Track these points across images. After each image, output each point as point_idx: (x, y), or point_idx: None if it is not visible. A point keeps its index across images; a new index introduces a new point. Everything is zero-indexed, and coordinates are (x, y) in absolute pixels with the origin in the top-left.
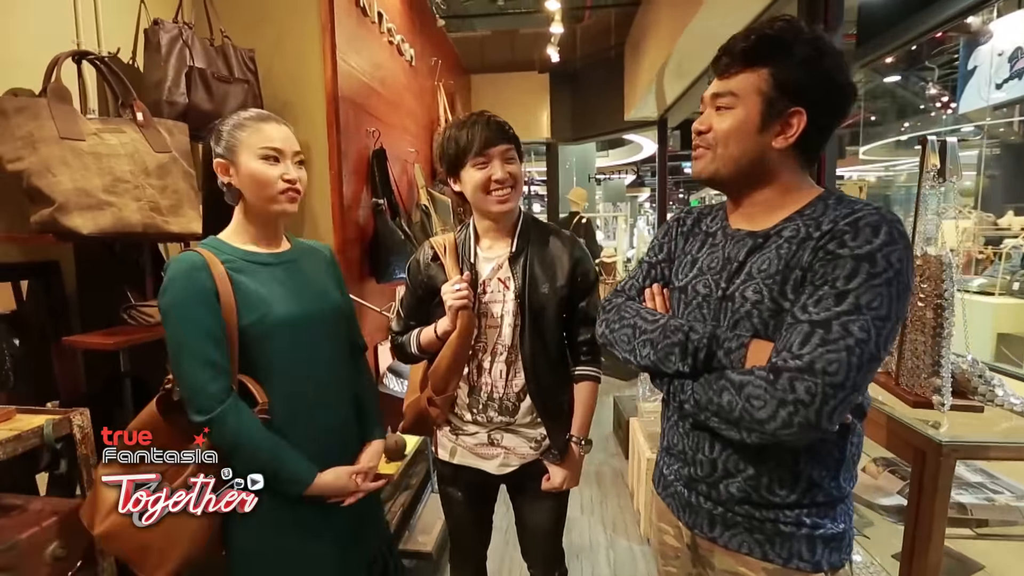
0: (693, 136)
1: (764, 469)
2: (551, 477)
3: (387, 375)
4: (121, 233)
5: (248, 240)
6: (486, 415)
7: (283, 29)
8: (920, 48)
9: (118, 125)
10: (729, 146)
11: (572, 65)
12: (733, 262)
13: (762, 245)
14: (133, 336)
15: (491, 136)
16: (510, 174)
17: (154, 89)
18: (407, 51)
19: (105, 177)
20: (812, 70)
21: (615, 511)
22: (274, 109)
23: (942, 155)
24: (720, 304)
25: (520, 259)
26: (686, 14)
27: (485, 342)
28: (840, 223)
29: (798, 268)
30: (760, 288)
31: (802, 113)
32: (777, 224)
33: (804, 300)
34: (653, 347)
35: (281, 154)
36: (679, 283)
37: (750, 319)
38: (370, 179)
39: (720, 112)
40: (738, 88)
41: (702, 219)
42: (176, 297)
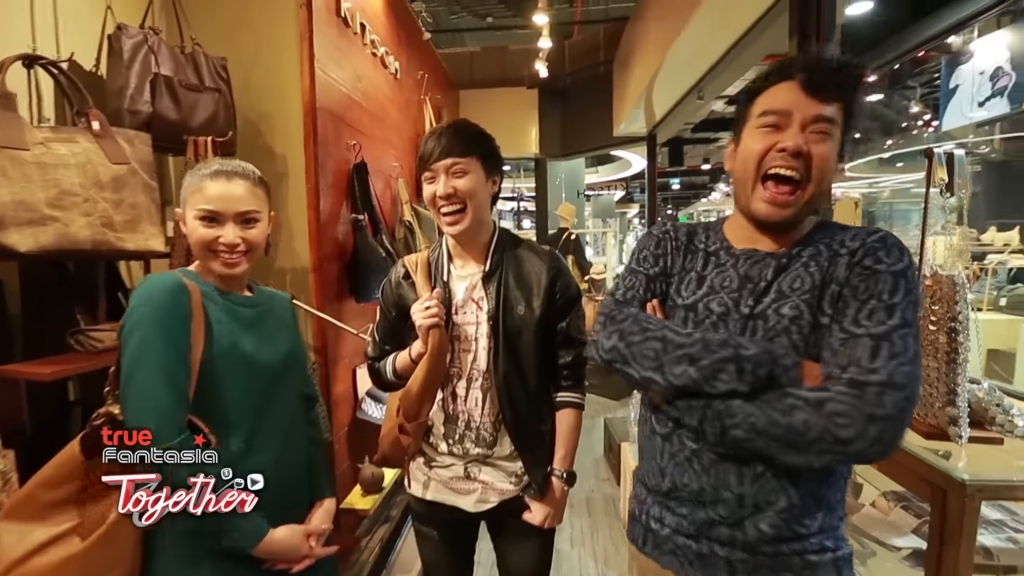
0: (781, 157)
1: (797, 497)
2: (532, 514)
3: (366, 400)
4: (67, 251)
5: (211, 278)
6: (462, 446)
7: (261, 38)
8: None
9: (70, 134)
10: (823, 180)
11: (561, 81)
12: (756, 281)
13: (785, 265)
14: (76, 365)
15: (439, 149)
16: (455, 189)
17: (115, 97)
18: (392, 64)
19: (50, 190)
20: (861, 107)
21: (606, 542)
22: (249, 120)
23: (949, 168)
24: (746, 323)
25: (494, 278)
26: (673, 30)
27: (460, 367)
28: (868, 240)
29: (834, 283)
30: (798, 304)
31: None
32: (794, 246)
33: (853, 314)
34: (694, 364)
35: (220, 215)
36: (683, 300)
37: (788, 335)
38: (350, 194)
39: (813, 138)
40: (836, 116)
41: (693, 236)
42: (154, 312)
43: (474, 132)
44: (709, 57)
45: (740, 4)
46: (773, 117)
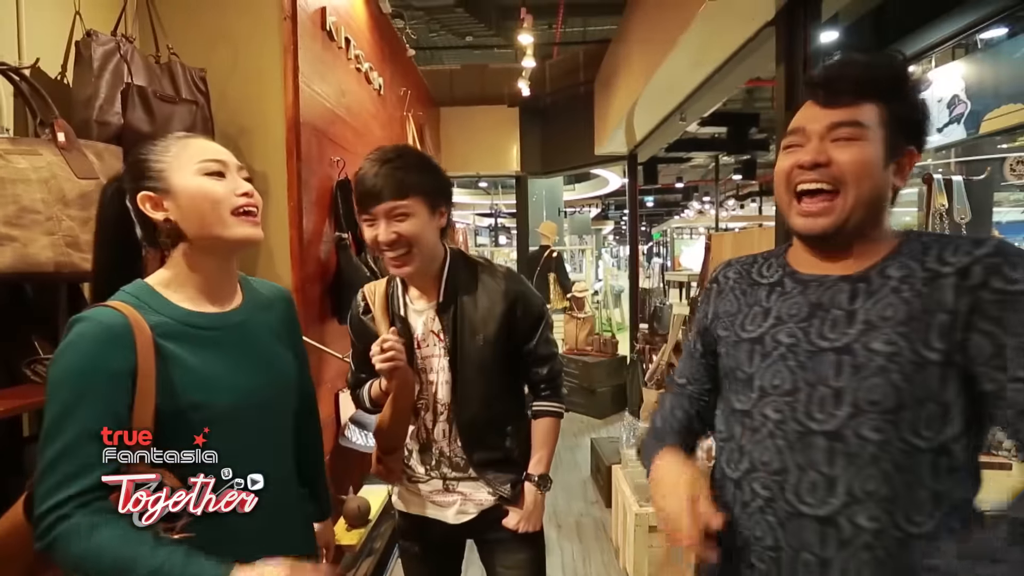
0: (799, 173)
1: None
2: (508, 518)
3: (349, 427)
4: (26, 273)
5: (191, 294)
6: (439, 471)
7: (241, 49)
8: None
9: (32, 146)
10: (861, 183)
11: (542, 100)
12: (831, 309)
13: (866, 288)
14: (32, 399)
15: (376, 191)
16: (398, 235)
17: (83, 107)
18: (375, 79)
19: (8, 207)
20: (919, 109)
21: (599, 569)
22: (229, 134)
23: (948, 193)
24: (830, 357)
25: (449, 310)
26: (658, 53)
27: (427, 399)
28: (979, 255)
29: (941, 311)
30: (893, 338)
31: (915, 154)
32: (872, 264)
33: (1016, 356)
34: None
35: (225, 167)
36: (748, 335)
37: (885, 375)
38: (333, 211)
39: (840, 144)
40: (864, 118)
41: (751, 270)
42: (74, 368)
43: (414, 165)
44: (694, 80)
45: (727, 29)
46: (793, 137)
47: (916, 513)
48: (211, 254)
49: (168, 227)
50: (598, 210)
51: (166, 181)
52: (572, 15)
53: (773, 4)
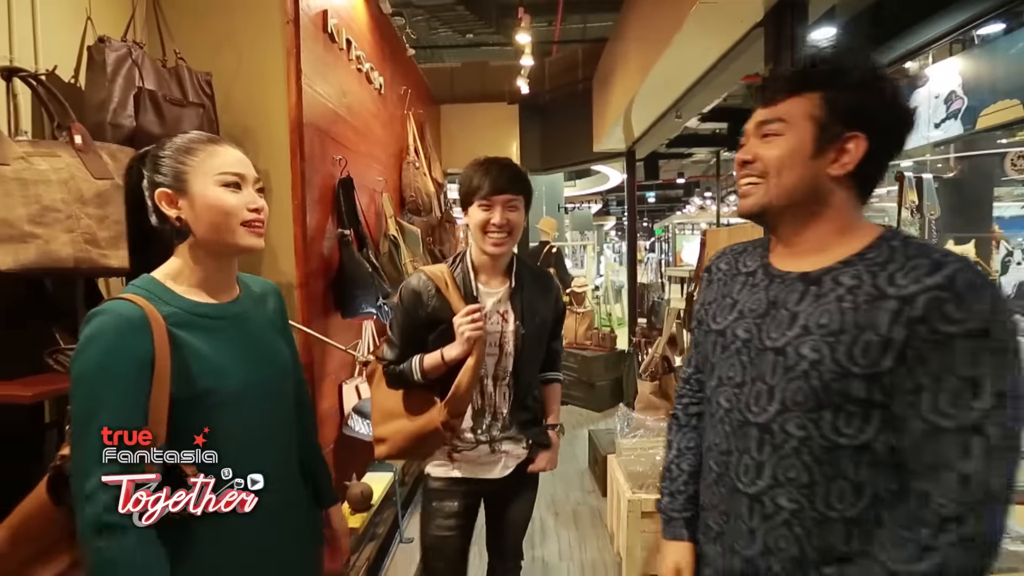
0: (737, 168)
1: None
2: (537, 462)
3: (352, 416)
4: (48, 268)
5: (194, 285)
6: (489, 433)
7: (245, 53)
8: None
9: (52, 149)
10: (782, 174)
11: (541, 97)
12: (780, 307)
13: (815, 292)
14: (56, 386)
15: (500, 184)
16: (508, 221)
17: (97, 110)
18: (376, 79)
19: (31, 206)
20: (869, 93)
21: (594, 554)
22: (234, 135)
23: (919, 191)
24: (769, 356)
25: (519, 295)
26: (653, 52)
27: (487, 369)
28: (929, 285)
29: (870, 331)
30: (820, 347)
31: (860, 138)
32: (831, 266)
33: (931, 398)
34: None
35: (243, 180)
36: (717, 326)
37: (807, 380)
38: (336, 209)
39: (767, 140)
40: (786, 113)
41: (739, 259)
42: (99, 360)
43: (522, 173)
44: (688, 77)
45: (719, 28)
46: (743, 137)
47: (837, 501)
48: (214, 254)
49: (178, 224)
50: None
51: (186, 184)
52: (571, 12)
53: (762, 6)
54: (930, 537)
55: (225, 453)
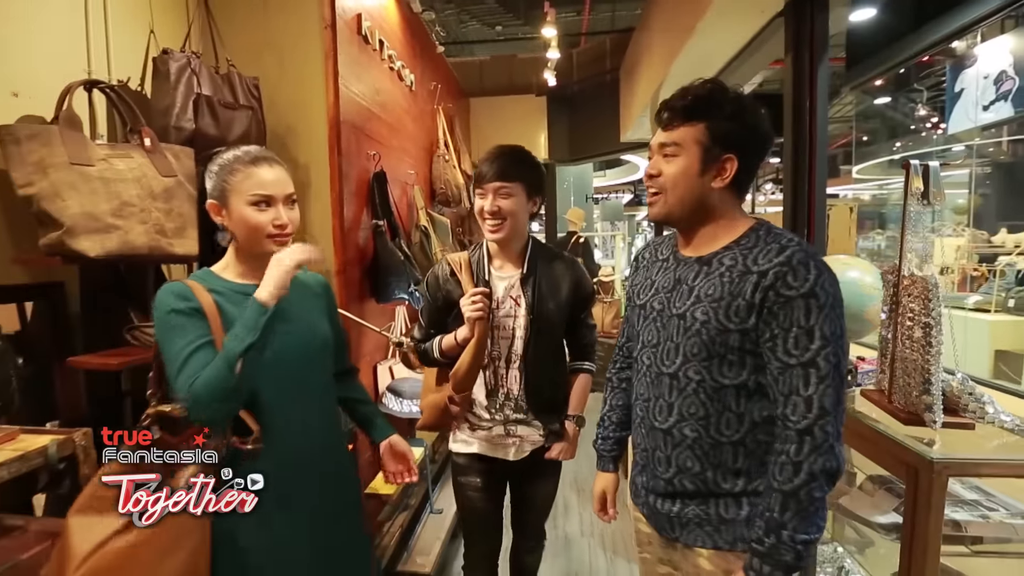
0: (645, 180)
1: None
2: (552, 450)
3: (386, 395)
4: (127, 255)
5: (239, 274)
6: (503, 413)
7: (287, 58)
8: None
9: (126, 150)
10: (677, 188)
11: (569, 88)
12: (683, 284)
13: (706, 271)
14: (135, 356)
15: (491, 172)
16: (499, 208)
17: (162, 115)
18: (407, 76)
19: (112, 201)
20: (739, 123)
21: (614, 530)
22: (277, 134)
23: (925, 178)
24: (675, 321)
25: (530, 280)
26: (678, 40)
27: (500, 351)
28: (775, 263)
29: (740, 298)
30: (707, 310)
31: (734, 159)
32: (717, 251)
33: (781, 344)
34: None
35: (272, 199)
36: (640, 301)
37: (699, 336)
38: (370, 201)
39: (667, 159)
40: (680, 139)
41: (658, 249)
42: (164, 308)
43: (524, 159)
44: (713, 66)
45: (740, 18)
46: (650, 152)
47: (725, 428)
48: (251, 254)
49: (223, 229)
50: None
51: (225, 199)
52: (600, 1)
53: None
54: (795, 453)
55: (265, 409)
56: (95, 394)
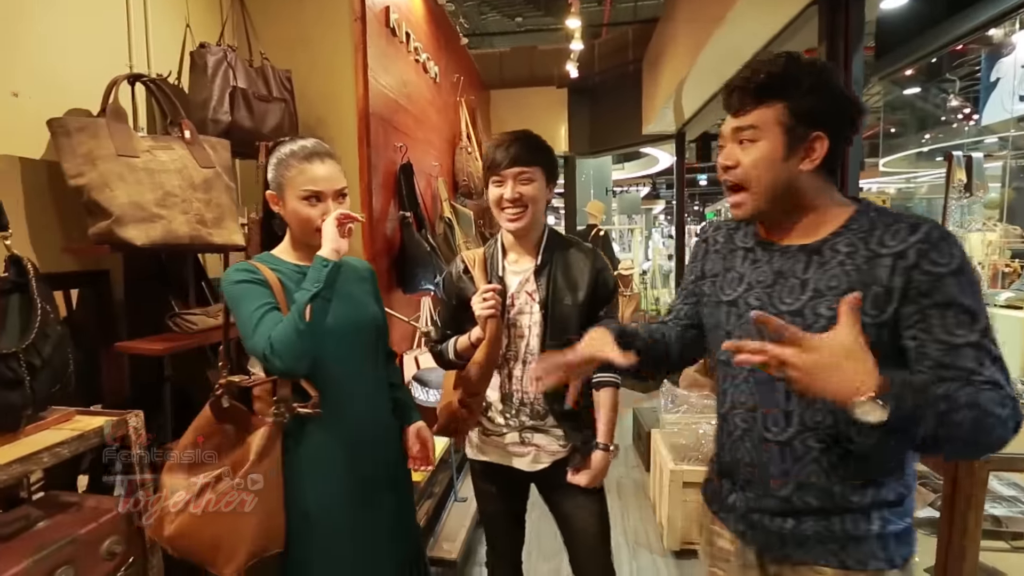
0: (720, 172)
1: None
2: (578, 476)
3: (412, 384)
4: (170, 244)
5: (296, 259)
6: (518, 419)
7: (317, 50)
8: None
9: (167, 142)
10: (761, 179)
11: (590, 80)
12: (789, 277)
13: (818, 260)
14: (179, 342)
15: (509, 157)
16: (520, 195)
17: (200, 108)
18: (432, 68)
19: (157, 191)
20: (823, 96)
21: (636, 523)
22: (308, 126)
23: (968, 170)
24: (787, 320)
25: (544, 273)
26: (706, 31)
27: (515, 351)
28: (911, 242)
29: (875, 285)
30: (835, 305)
31: (823, 137)
32: (826, 238)
33: (940, 324)
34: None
35: (322, 195)
36: (727, 297)
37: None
38: (397, 192)
39: (744, 146)
40: (758, 121)
41: (734, 234)
42: (233, 280)
43: (539, 144)
44: (741, 57)
45: (773, 7)
46: (721, 140)
47: (855, 435)
48: (303, 243)
49: (280, 221)
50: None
51: (281, 192)
52: None
53: None
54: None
55: (326, 383)
56: (137, 379)
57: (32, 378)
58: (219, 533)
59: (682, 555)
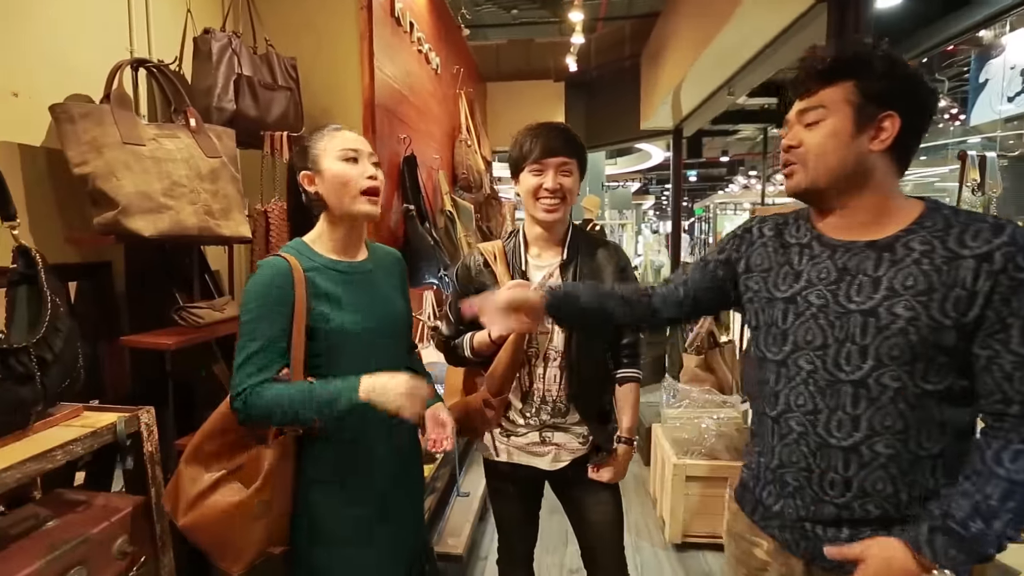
0: (782, 154)
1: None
2: (600, 473)
3: None
4: (178, 236)
5: (330, 249)
6: (539, 418)
7: (322, 38)
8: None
9: (173, 131)
10: (827, 156)
11: (587, 74)
12: (858, 274)
13: (890, 257)
14: (188, 336)
15: (552, 146)
16: (561, 186)
17: (204, 96)
18: (433, 59)
19: (164, 181)
20: (894, 76)
21: (638, 516)
22: (312, 115)
23: (981, 169)
24: (858, 318)
25: (570, 267)
26: (713, 26)
27: (537, 348)
28: (998, 243)
29: (957, 287)
30: (913, 305)
31: (894, 116)
32: (897, 234)
33: (1018, 335)
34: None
35: (359, 154)
36: (782, 295)
37: (904, 336)
38: (401, 185)
39: (810, 128)
40: (826, 101)
41: (783, 230)
42: (257, 295)
43: (577, 139)
44: (745, 54)
45: (781, 3)
46: (786, 125)
47: (926, 440)
48: (343, 222)
49: (317, 199)
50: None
51: (319, 163)
52: None
53: None
54: None
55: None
56: (140, 374)
57: (43, 373)
58: (228, 535)
59: (683, 548)
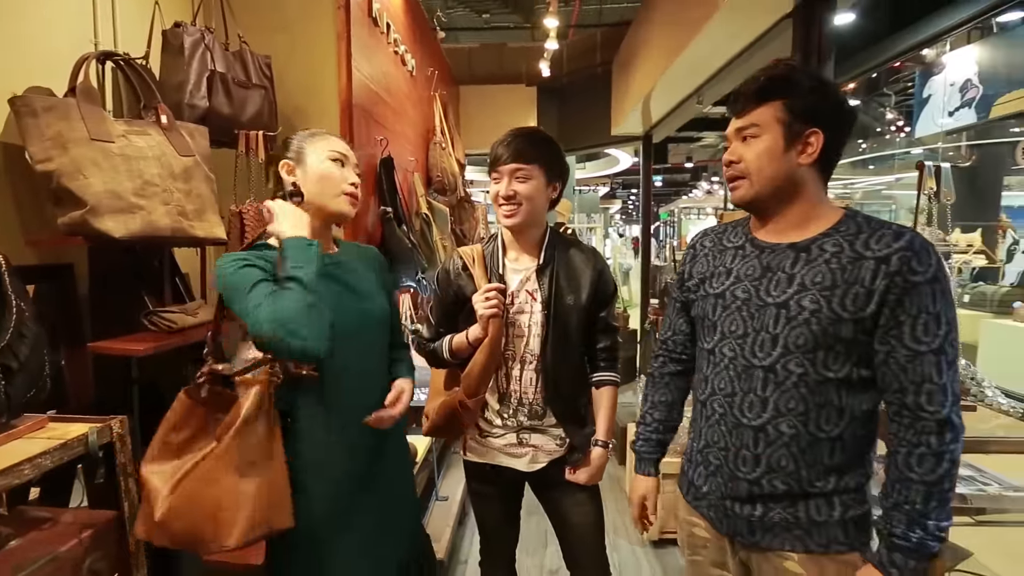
0: (724, 168)
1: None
2: (576, 475)
3: None
4: (150, 237)
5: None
6: (516, 420)
7: (298, 37)
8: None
9: (143, 127)
10: (763, 169)
11: (559, 80)
12: (776, 271)
13: (805, 257)
14: (160, 342)
15: (506, 154)
16: (515, 192)
17: (175, 91)
18: (409, 61)
19: (135, 180)
20: (819, 96)
21: (614, 515)
22: (286, 115)
23: (937, 179)
24: (772, 310)
25: (547, 271)
26: (685, 34)
27: (514, 351)
28: (896, 248)
29: (857, 285)
30: (817, 299)
31: (819, 132)
32: (815, 237)
33: (909, 331)
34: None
35: (346, 160)
36: (715, 291)
37: (808, 326)
38: (378, 187)
39: (747, 142)
40: (759, 119)
41: (722, 237)
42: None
43: (540, 140)
44: (715, 64)
45: (750, 17)
46: (726, 141)
47: (824, 423)
48: (316, 216)
49: (293, 189)
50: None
51: (304, 157)
52: None
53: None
54: (937, 443)
55: (330, 372)
56: (103, 381)
57: (7, 383)
58: (214, 501)
59: (660, 544)
